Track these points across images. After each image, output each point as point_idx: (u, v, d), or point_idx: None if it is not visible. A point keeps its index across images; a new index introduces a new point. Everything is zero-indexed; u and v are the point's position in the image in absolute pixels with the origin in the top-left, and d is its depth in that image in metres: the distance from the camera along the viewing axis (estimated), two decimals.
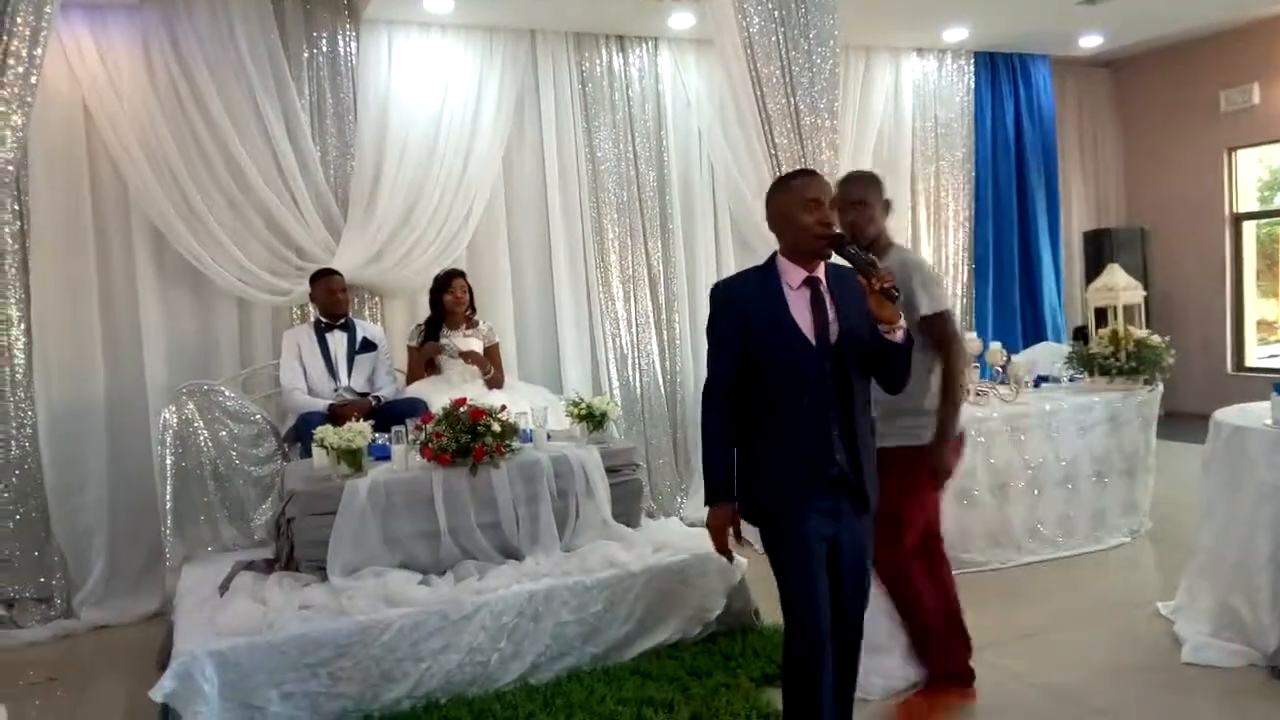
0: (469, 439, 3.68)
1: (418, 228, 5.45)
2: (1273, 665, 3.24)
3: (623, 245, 6.10)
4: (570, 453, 3.95)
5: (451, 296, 4.91)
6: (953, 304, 7.28)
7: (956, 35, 6.91)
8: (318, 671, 3.18)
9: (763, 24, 4.32)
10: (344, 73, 5.34)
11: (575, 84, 6.02)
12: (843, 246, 2.31)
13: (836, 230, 2.40)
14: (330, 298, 4.78)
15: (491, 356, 4.99)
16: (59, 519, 4.68)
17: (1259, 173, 8.01)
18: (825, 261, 2.41)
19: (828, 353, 2.34)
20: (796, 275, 2.39)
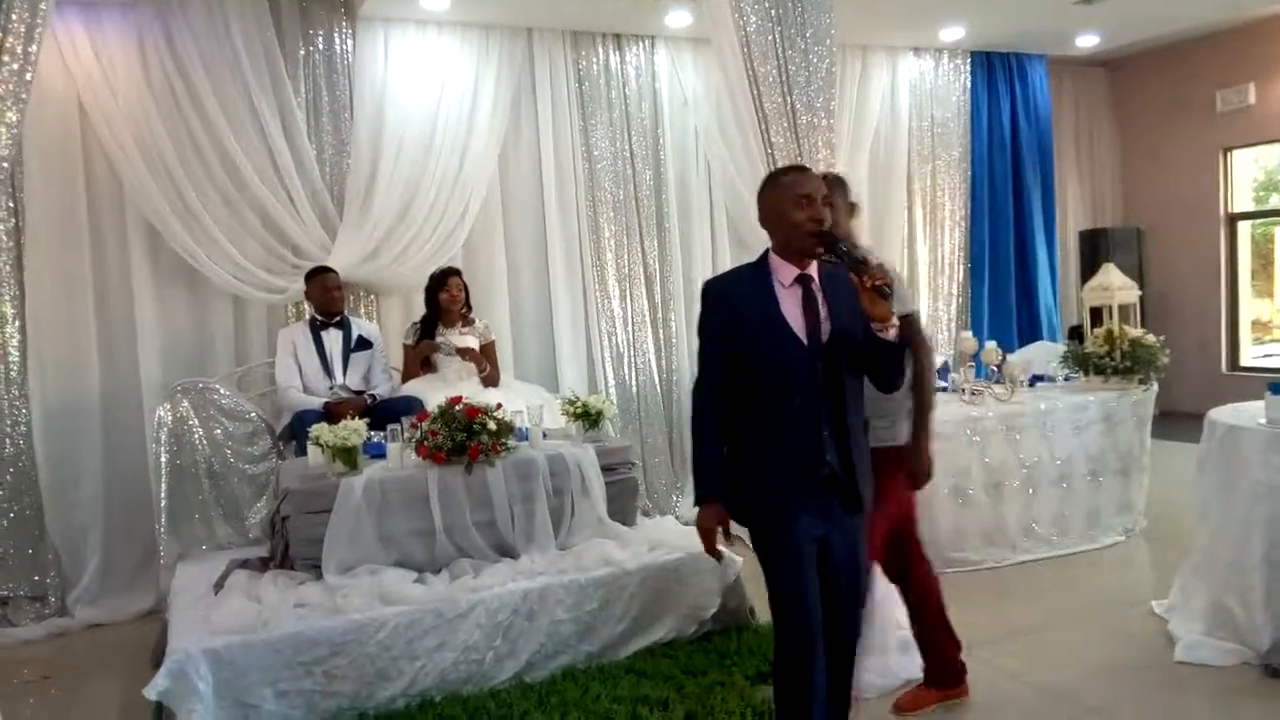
0: (464, 437, 3.68)
1: (413, 226, 5.44)
2: (1266, 664, 3.25)
3: (619, 244, 6.10)
4: (566, 451, 3.95)
5: (447, 295, 4.90)
6: (949, 303, 7.35)
7: (953, 34, 6.91)
8: (312, 670, 3.17)
9: (759, 23, 4.31)
10: (340, 70, 5.33)
11: (572, 82, 6.02)
12: (834, 244, 2.28)
13: (828, 227, 2.36)
14: (325, 295, 4.77)
15: (487, 355, 4.98)
16: (53, 517, 4.67)
17: (1254, 173, 8.03)
18: (818, 259, 2.37)
19: (819, 351, 2.31)
20: (788, 273, 2.36)
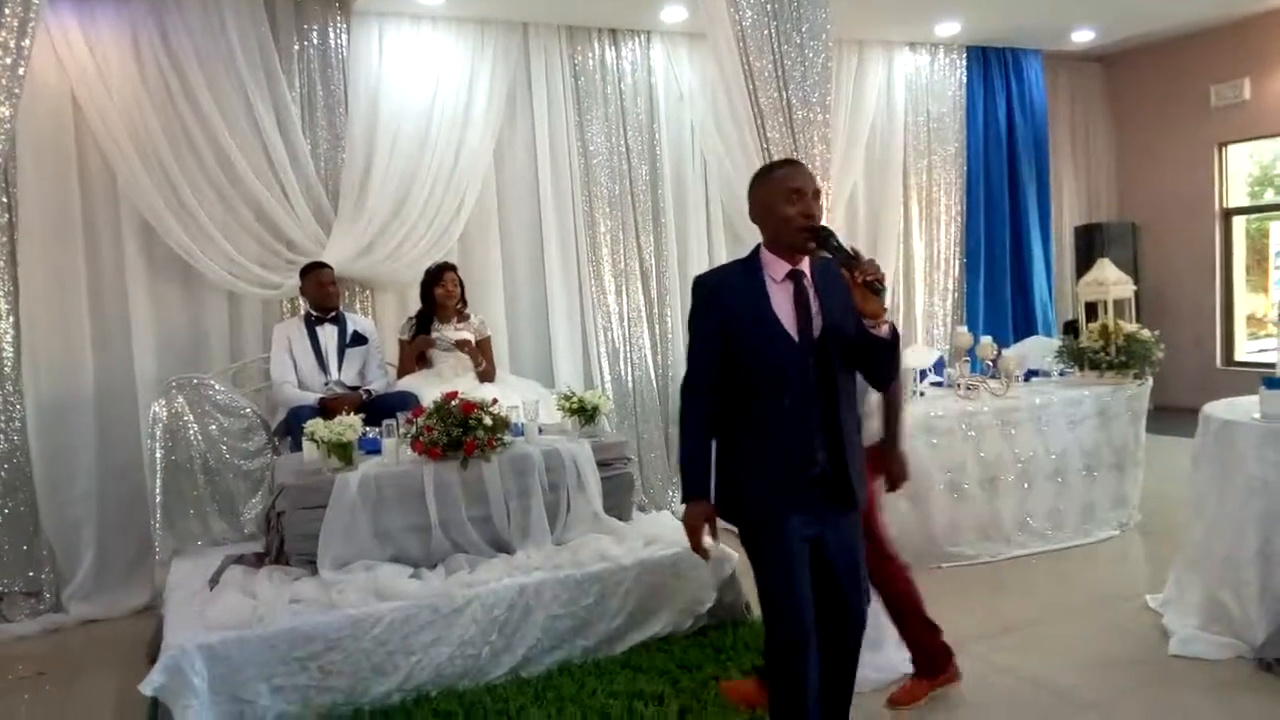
0: (460, 433, 3.68)
1: (409, 221, 5.43)
2: (1260, 658, 3.25)
3: (615, 239, 6.10)
4: (562, 446, 3.94)
5: (443, 290, 4.89)
6: (944, 298, 7.35)
7: (949, 29, 6.91)
8: (308, 665, 3.17)
9: (755, 17, 4.31)
10: (335, 65, 5.32)
11: (567, 77, 6.01)
12: (826, 239, 2.26)
13: (821, 222, 2.33)
14: (320, 291, 4.76)
15: (483, 350, 4.97)
16: (48, 513, 4.66)
17: (1249, 168, 8.04)
18: (810, 254, 2.34)
19: (811, 348, 2.29)
20: (780, 268, 2.33)
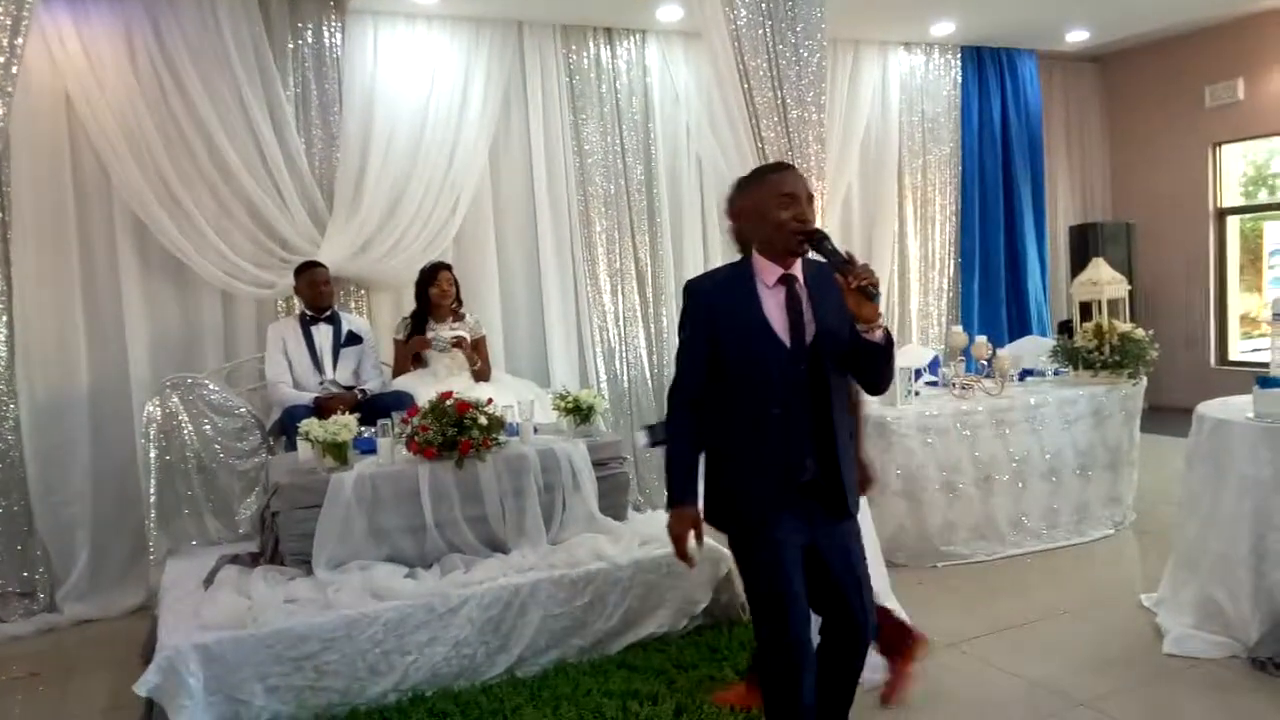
0: (455, 432, 3.68)
1: (403, 220, 5.43)
2: (1254, 656, 3.26)
3: (610, 239, 6.10)
4: (557, 446, 3.94)
5: (438, 289, 4.89)
6: (939, 297, 7.36)
7: (943, 29, 6.92)
8: (303, 665, 3.17)
9: (750, 17, 4.30)
10: (329, 64, 5.31)
11: (562, 77, 6.01)
12: (820, 243, 2.22)
13: (815, 226, 2.28)
14: (314, 290, 4.75)
15: (478, 349, 4.97)
16: (42, 513, 4.64)
17: (1243, 168, 8.06)
18: (802, 257, 2.31)
19: (803, 354, 2.25)
20: (771, 273, 2.29)
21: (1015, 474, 4.69)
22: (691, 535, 2.34)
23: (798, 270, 2.31)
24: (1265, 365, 4.40)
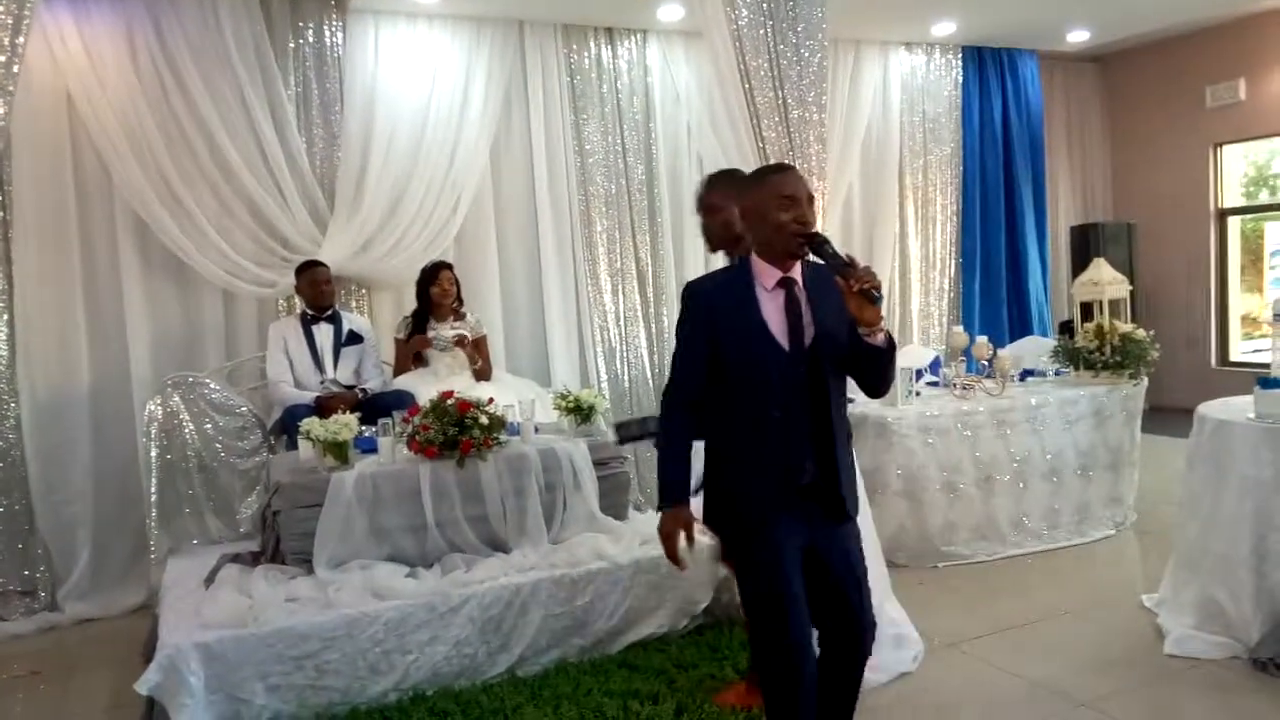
0: (456, 432, 3.67)
1: (404, 220, 5.43)
2: (1255, 657, 3.26)
3: (611, 239, 6.10)
4: (558, 445, 3.94)
5: (438, 289, 4.89)
6: (940, 298, 7.36)
7: (944, 29, 6.92)
8: (304, 664, 3.17)
9: (751, 17, 4.30)
10: (330, 63, 5.31)
11: (564, 76, 6.01)
12: (820, 246, 2.19)
13: (815, 229, 2.26)
14: (315, 290, 4.76)
15: (479, 349, 4.97)
16: (43, 511, 4.64)
17: (1244, 168, 8.05)
18: (802, 260, 2.29)
19: (801, 358, 2.23)
20: (771, 276, 2.27)
21: (1016, 474, 4.69)
22: (682, 536, 2.33)
23: (797, 273, 2.29)
24: (1266, 366, 4.40)
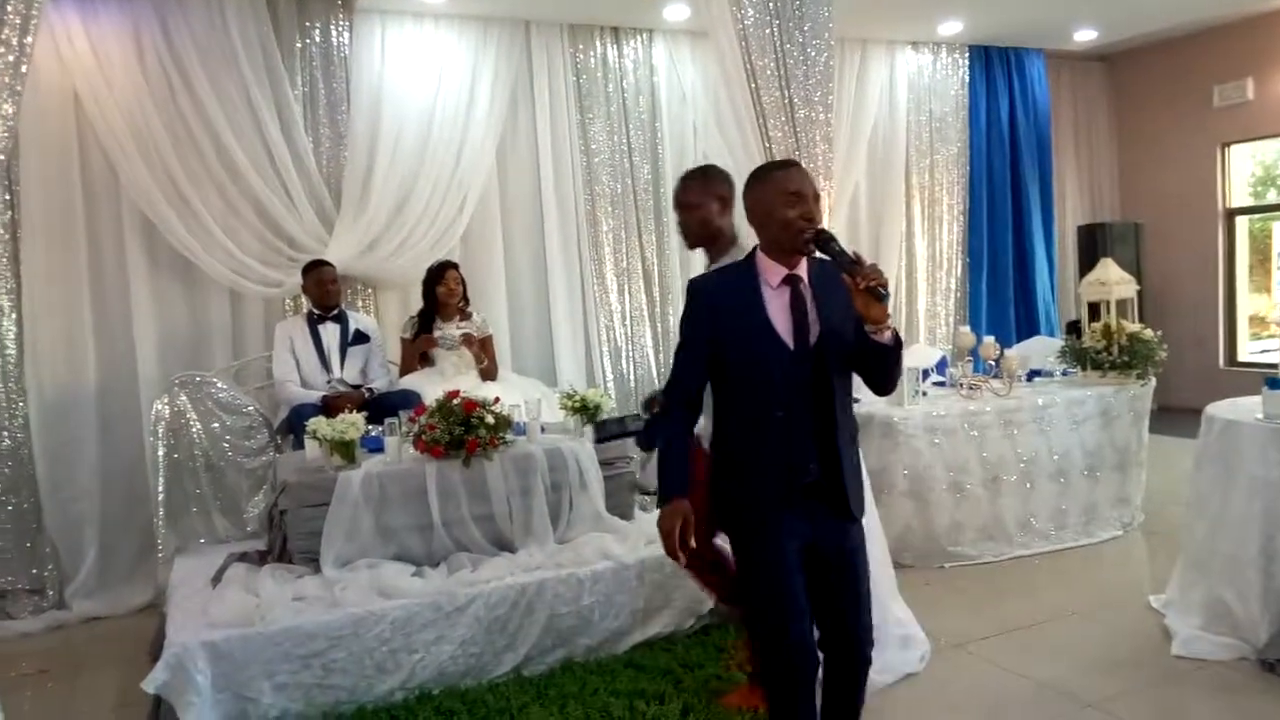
0: (462, 431, 3.68)
1: (411, 219, 5.44)
2: (1263, 658, 3.25)
3: (617, 238, 6.11)
4: (564, 445, 3.94)
5: (445, 288, 4.89)
6: (947, 298, 7.35)
7: (951, 29, 6.91)
8: (310, 663, 3.17)
9: (757, 16, 4.29)
10: (337, 63, 5.32)
11: (570, 76, 6.01)
12: (826, 243, 2.16)
13: (823, 224, 2.24)
14: (321, 289, 4.76)
15: (485, 349, 4.98)
16: (51, 510, 4.66)
17: (1252, 168, 8.03)
18: (808, 257, 2.25)
19: (806, 356, 2.20)
20: (776, 273, 2.23)
21: (1023, 475, 4.68)
22: (681, 531, 2.29)
23: (802, 270, 2.26)
24: (1274, 366, 4.40)
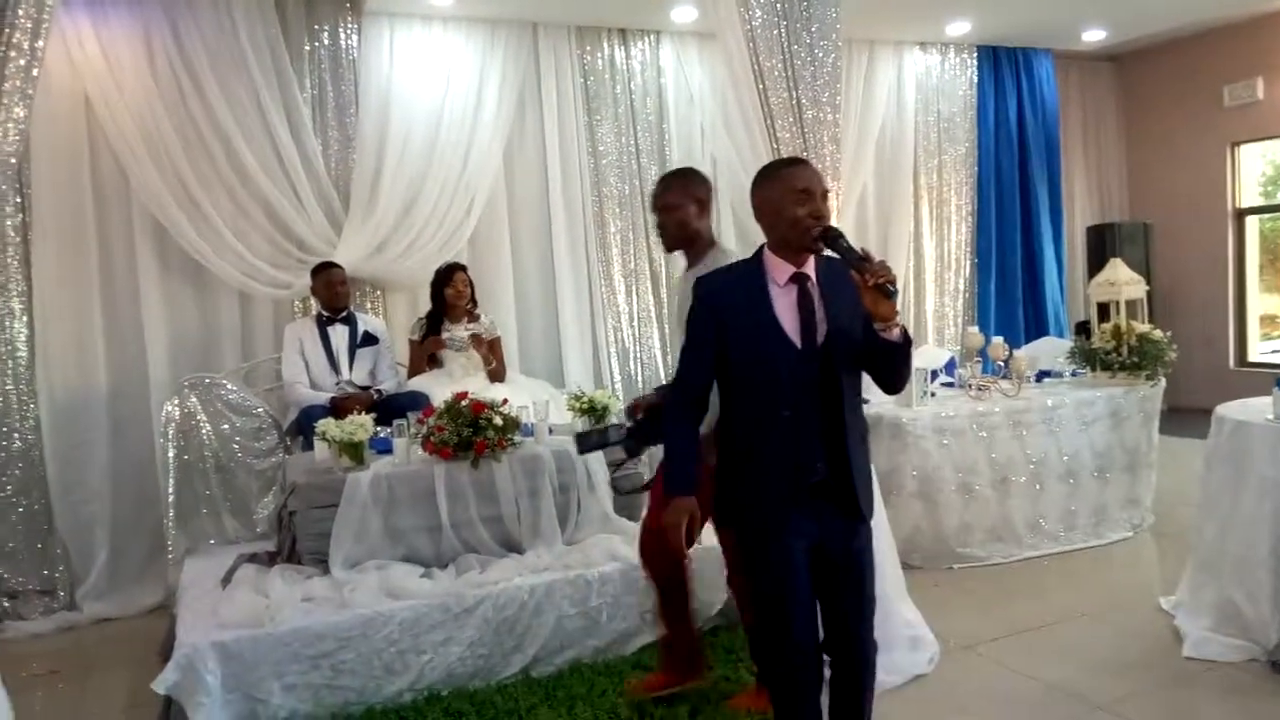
0: (471, 433, 3.68)
1: (419, 221, 5.45)
2: (1273, 660, 3.24)
3: (624, 240, 6.11)
4: (572, 446, 3.94)
5: (453, 290, 4.90)
6: (955, 298, 7.33)
7: (959, 29, 6.90)
8: (320, 664, 3.18)
9: (765, 17, 4.30)
10: (345, 66, 5.35)
11: (577, 78, 6.03)
12: (835, 240, 2.14)
13: (831, 223, 2.21)
14: (330, 291, 4.78)
15: (493, 350, 4.98)
16: (61, 511, 4.68)
17: (1262, 168, 7.99)
18: (816, 255, 2.23)
19: (814, 354, 2.18)
20: (783, 272, 2.22)
21: (1032, 476, 4.66)
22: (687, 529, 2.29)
23: (810, 268, 2.24)
24: None
